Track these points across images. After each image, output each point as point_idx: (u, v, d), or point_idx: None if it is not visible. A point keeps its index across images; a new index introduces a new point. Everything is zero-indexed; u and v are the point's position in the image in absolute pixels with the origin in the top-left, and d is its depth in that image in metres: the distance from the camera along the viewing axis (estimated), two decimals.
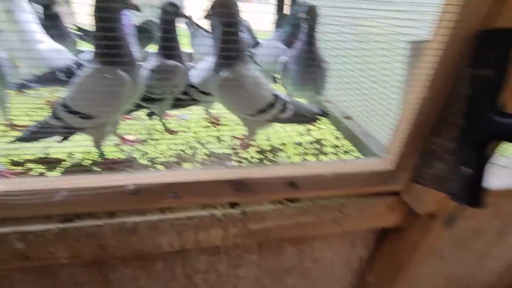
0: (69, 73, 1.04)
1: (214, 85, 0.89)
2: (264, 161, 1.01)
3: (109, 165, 0.92)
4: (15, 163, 0.91)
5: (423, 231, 0.83)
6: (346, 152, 1.10)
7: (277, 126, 1.22)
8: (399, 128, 0.72)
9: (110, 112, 0.80)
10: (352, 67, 0.98)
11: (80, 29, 1.50)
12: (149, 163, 0.96)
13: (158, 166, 0.95)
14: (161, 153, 1.03)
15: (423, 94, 0.62)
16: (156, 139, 1.12)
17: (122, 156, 1.00)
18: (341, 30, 0.98)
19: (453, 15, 0.54)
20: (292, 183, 0.73)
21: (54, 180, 0.60)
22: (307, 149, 1.11)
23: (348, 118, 1.24)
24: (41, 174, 0.87)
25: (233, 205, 0.75)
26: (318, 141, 1.18)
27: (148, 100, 1.00)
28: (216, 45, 0.87)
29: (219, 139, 1.16)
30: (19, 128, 1.06)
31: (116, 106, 0.80)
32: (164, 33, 0.94)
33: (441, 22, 0.57)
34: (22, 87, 1.05)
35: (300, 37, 1.08)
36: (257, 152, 1.08)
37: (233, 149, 1.07)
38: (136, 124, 1.20)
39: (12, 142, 0.80)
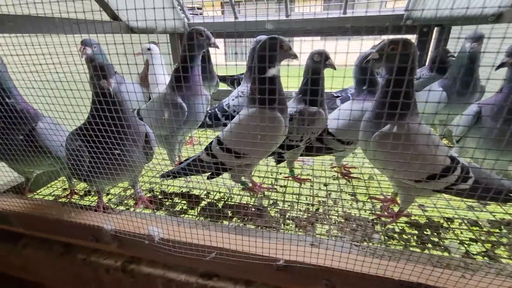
0: (215, 118, 1.13)
1: (369, 138, 0.74)
2: (423, 242, 0.76)
3: (241, 209, 0.89)
4: (163, 193, 1.00)
5: None
6: None
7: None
8: None
9: (262, 152, 0.78)
10: None
11: (226, 77, 1.67)
12: (278, 215, 0.88)
13: (288, 221, 0.85)
14: (290, 205, 0.93)
15: None
16: (283, 186, 1.05)
17: (250, 200, 0.96)
18: None
19: None
20: None
21: (209, 239, 0.56)
22: (491, 235, 0.78)
23: None
24: (182, 210, 0.91)
25: None
26: (506, 223, 0.83)
27: (285, 146, 0.94)
28: (381, 91, 0.73)
29: (353, 196, 0.98)
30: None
31: (269, 147, 0.77)
32: (310, 79, 0.89)
33: None
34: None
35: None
36: (409, 225, 0.84)
37: (375, 214, 0.87)
38: (260, 170, 1.17)
39: (167, 177, 0.87)
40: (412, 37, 1.46)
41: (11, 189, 0.89)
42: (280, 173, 1.15)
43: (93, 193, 1.01)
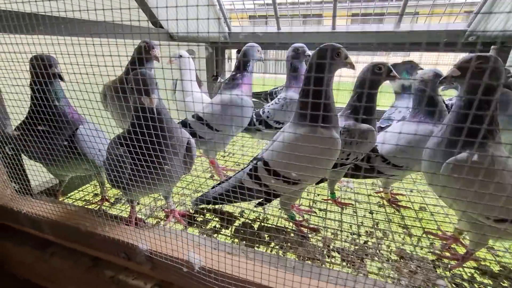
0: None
1: (437, 166, 0.64)
2: None
3: (280, 234, 0.80)
4: (196, 211, 0.94)
5: None
6: None
7: None
8: None
9: (318, 175, 0.70)
10: None
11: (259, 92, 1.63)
12: (321, 245, 0.78)
13: (333, 253, 0.75)
14: (333, 233, 0.83)
15: None
16: (322, 210, 0.95)
17: (288, 224, 0.87)
18: None
19: None
20: None
21: (254, 274, 0.48)
22: None
23: None
24: (215, 228, 0.84)
25: None
26: None
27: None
28: (456, 113, 0.63)
29: (405, 229, 0.87)
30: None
31: (324, 171, 0.69)
32: (361, 94, 0.80)
33: None
34: None
35: None
36: (479, 271, 0.71)
37: (438, 256, 0.75)
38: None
39: (200, 203, 0.81)
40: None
41: (45, 190, 0.87)
42: (318, 194, 1.05)
43: (123, 201, 0.98)
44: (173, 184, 0.74)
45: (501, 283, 0.67)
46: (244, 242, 0.77)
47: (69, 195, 0.99)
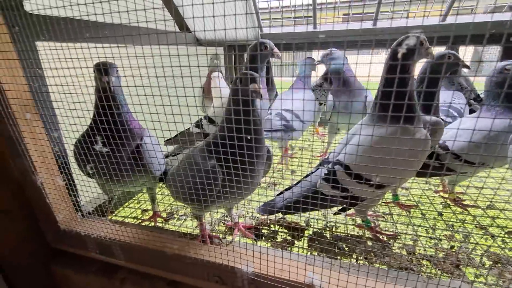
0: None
1: None
2: None
3: (358, 242, 0.74)
4: (255, 219, 0.88)
5: None
6: None
7: None
8: None
9: (406, 178, 0.65)
10: None
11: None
12: (405, 253, 0.73)
13: (423, 262, 0.70)
14: (412, 239, 0.78)
15: None
16: (387, 214, 0.89)
17: (360, 231, 0.81)
18: None
19: None
20: None
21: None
22: None
23: None
24: (287, 240, 0.78)
25: None
26: None
27: None
28: None
29: (484, 229, 0.81)
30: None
31: (414, 172, 0.64)
32: (429, 83, 0.76)
33: None
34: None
35: None
36: None
37: None
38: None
39: (269, 213, 0.74)
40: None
41: (96, 208, 0.80)
42: (385, 199, 1.00)
43: (177, 216, 0.91)
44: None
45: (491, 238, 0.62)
46: (322, 253, 0.71)
47: (116, 212, 0.92)
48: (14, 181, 0.60)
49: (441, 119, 1.01)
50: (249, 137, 0.50)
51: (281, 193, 0.77)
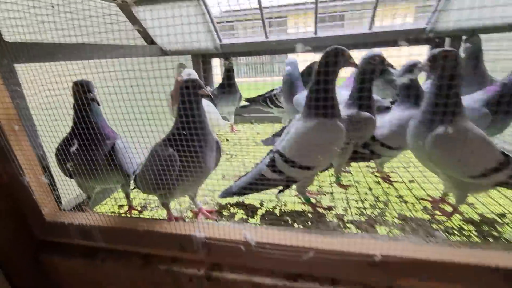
0: None
1: (420, 142, 0.80)
2: (484, 236, 0.80)
3: (300, 215, 0.92)
4: (218, 204, 1.03)
5: None
6: None
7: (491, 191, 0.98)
8: None
9: (326, 162, 0.83)
10: None
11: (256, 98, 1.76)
12: (336, 219, 0.91)
13: (348, 225, 0.89)
14: (344, 209, 0.97)
15: None
16: (328, 193, 1.09)
17: (305, 206, 1.00)
18: None
19: None
20: None
21: (304, 239, 0.59)
22: None
23: None
24: (243, 219, 0.94)
25: None
26: None
27: None
28: (430, 96, 0.79)
29: (401, 199, 1.02)
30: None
31: (332, 157, 0.82)
32: (361, 83, 0.94)
33: None
34: None
35: None
36: (464, 222, 0.87)
37: (430, 214, 0.91)
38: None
39: (227, 196, 0.91)
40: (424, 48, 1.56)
41: (75, 206, 0.92)
42: (322, 181, 1.19)
43: (149, 208, 1.05)
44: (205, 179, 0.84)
45: (482, 228, 0.84)
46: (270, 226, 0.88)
47: (94, 209, 1.04)
48: (3, 185, 0.72)
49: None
50: (185, 132, 0.66)
51: (238, 179, 0.94)
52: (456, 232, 0.83)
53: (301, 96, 1.31)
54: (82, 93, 0.71)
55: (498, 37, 1.28)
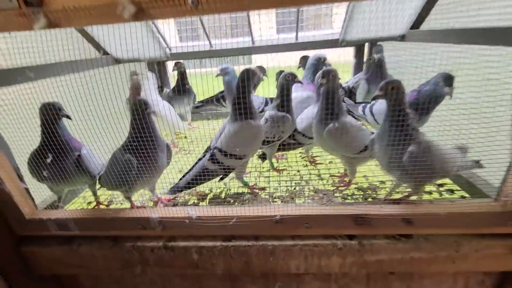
0: None
1: (323, 133, 1.09)
2: (366, 198, 1.13)
3: (239, 197, 1.18)
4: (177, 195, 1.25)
5: None
6: (450, 190, 1.13)
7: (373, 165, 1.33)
8: None
9: (253, 152, 1.10)
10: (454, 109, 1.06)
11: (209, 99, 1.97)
12: (268, 197, 1.19)
13: (276, 200, 1.17)
14: (275, 189, 1.25)
15: None
16: (267, 177, 1.36)
17: (244, 189, 1.26)
18: None
19: None
20: (407, 220, 0.83)
21: (229, 210, 0.85)
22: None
23: None
24: (195, 203, 1.18)
25: (351, 237, 0.89)
26: None
27: (263, 143, 1.26)
28: (323, 102, 1.08)
29: (319, 176, 1.33)
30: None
31: (257, 147, 1.08)
32: (281, 92, 1.21)
33: None
34: None
35: None
36: (357, 189, 1.20)
37: (336, 186, 1.23)
38: (250, 167, 1.48)
39: (178, 192, 1.13)
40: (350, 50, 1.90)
41: (48, 206, 1.08)
42: (263, 168, 1.47)
43: (115, 202, 1.23)
44: (158, 176, 1.05)
45: (367, 193, 1.17)
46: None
47: (65, 207, 1.20)
48: None
49: None
50: (139, 140, 0.87)
51: (183, 176, 1.16)
52: (349, 197, 1.15)
53: None
54: (54, 112, 0.87)
55: (397, 46, 1.64)
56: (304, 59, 1.66)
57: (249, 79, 1.01)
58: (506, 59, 0.87)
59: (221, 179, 1.14)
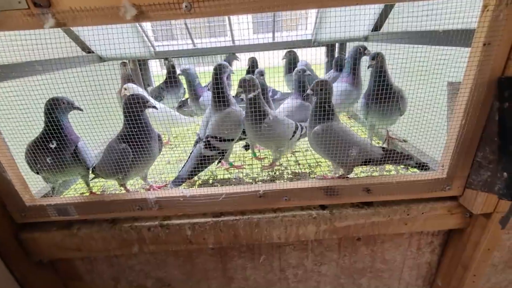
0: None
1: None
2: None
3: (226, 182, 1.31)
4: (165, 181, 1.35)
5: (481, 230, 1.01)
6: (405, 168, 1.34)
7: None
8: (449, 147, 0.96)
9: (238, 133, 1.25)
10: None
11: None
12: (252, 181, 1.33)
13: (259, 182, 1.31)
14: (257, 174, 1.39)
15: (463, 121, 0.87)
16: (250, 164, 1.50)
17: (231, 176, 1.39)
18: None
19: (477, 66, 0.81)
20: (367, 189, 1.00)
21: (218, 189, 0.98)
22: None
23: (404, 141, 1.47)
24: (185, 188, 1.28)
25: (323, 207, 1.05)
26: None
27: (244, 133, 1.40)
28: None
29: (297, 163, 1.49)
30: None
31: (241, 129, 1.23)
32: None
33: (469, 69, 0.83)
34: None
35: None
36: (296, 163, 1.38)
37: (311, 170, 1.39)
38: (235, 156, 1.61)
39: (181, 184, 1.23)
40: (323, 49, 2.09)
41: (43, 196, 1.14)
42: (246, 157, 1.60)
43: (108, 192, 1.31)
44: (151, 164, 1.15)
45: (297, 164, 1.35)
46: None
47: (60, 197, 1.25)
48: None
49: None
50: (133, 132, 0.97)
51: (182, 168, 1.27)
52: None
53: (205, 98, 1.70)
54: (67, 105, 0.95)
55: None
56: (289, 52, 1.83)
57: (222, 72, 1.14)
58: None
59: (219, 162, 1.26)
